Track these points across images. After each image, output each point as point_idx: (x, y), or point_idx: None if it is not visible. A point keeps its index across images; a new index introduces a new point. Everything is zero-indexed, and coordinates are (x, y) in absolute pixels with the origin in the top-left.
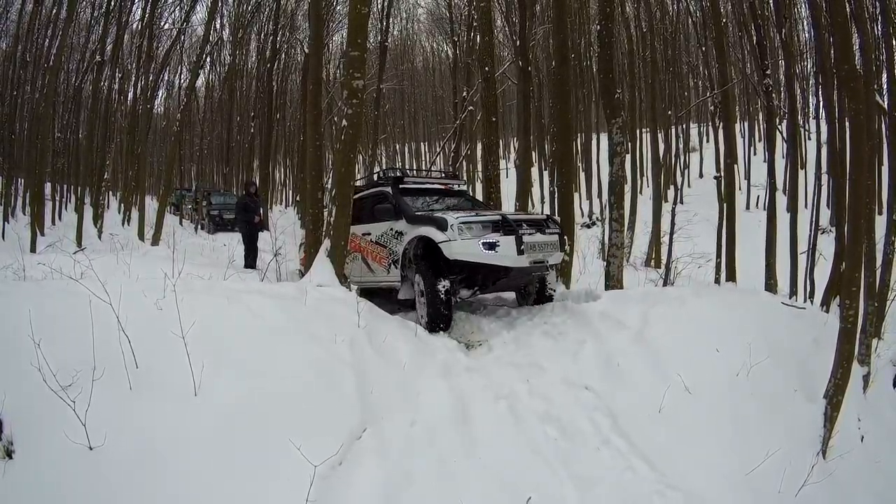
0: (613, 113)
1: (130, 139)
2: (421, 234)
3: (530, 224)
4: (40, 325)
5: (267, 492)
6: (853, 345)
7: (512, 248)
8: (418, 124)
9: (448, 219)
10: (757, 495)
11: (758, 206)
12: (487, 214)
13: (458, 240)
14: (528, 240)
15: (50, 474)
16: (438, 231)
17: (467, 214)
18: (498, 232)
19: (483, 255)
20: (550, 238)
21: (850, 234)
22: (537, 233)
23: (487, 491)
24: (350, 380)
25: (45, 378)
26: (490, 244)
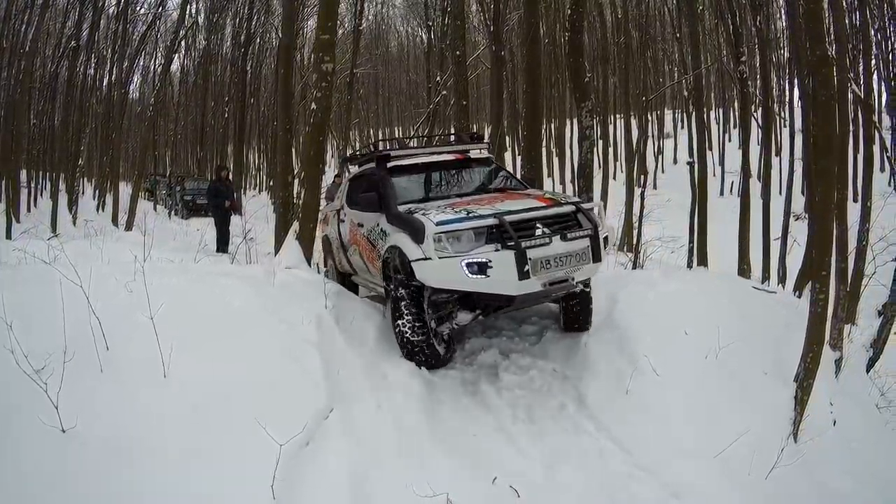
0: (583, 96)
1: (105, 125)
2: (394, 245)
3: (548, 222)
4: (13, 310)
5: (235, 471)
6: (823, 329)
7: (510, 269)
8: (392, 109)
9: (426, 222)
10: (727, 476)
11: (732, 193)
12: (483, 212)
13: (433, 259)
14: (539, 253)
15: (24, 457)
16: (412, 242)
17: (456, 213)
18: (493, 243)
19: (468, 280)
20: (577, 245)
21: (819, 220)
22: (556, 237)
23: (454, 471)
24: (316, 360)
25: (17, 361)
26: (478, 266)
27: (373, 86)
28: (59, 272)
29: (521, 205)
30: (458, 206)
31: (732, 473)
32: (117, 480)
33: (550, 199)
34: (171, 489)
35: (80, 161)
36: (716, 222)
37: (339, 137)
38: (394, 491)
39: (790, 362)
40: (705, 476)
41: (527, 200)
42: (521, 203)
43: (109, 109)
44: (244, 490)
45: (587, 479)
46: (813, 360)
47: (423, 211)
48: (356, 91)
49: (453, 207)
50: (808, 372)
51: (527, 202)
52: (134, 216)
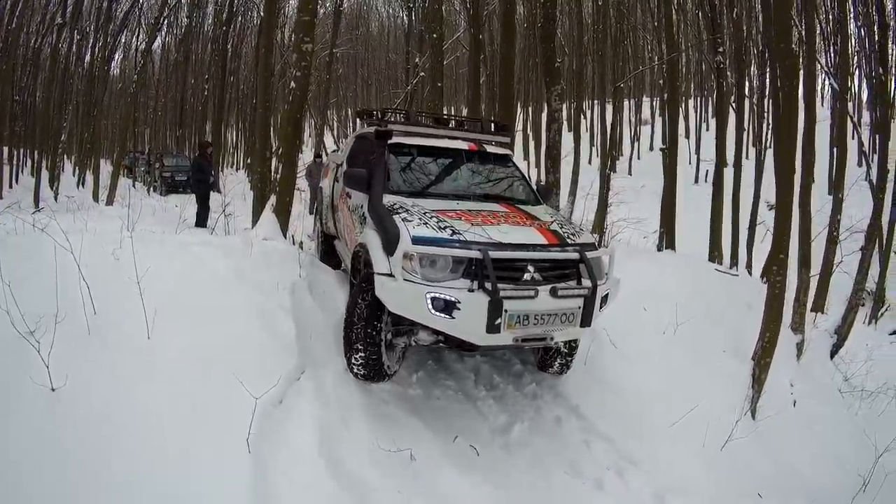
0: (553, 81)
1: (87, 102)
2: (364, 243)
3: (542, 266)
4: (7, 274)
5: (213, 426)
6: (780, 309)
7: (479, 317)
8: (371, 89)
9: (402, 232)
10: (683, 446)
11: (706, 181)
12: (470, 235)
13: (398, 279)
14: (518, 307)
15: (16, 415)
16: (381, 250)
17: (440, 227)
18: (468, 278)
19: (428, 316)
20: (566, 304)
21: (779, 208)
22: (545, 291)
23: (417, 431)
24: (290, 325)
25: (13, 321)
26: (444, 304)
27: (352, 65)
28: (53, 239)
29: (517, 235)
30: (446, 217)
31: (688, 443)
32: (102, 437)
33: (555, 236)
34: (152, 446)
35: (63, 137)
36: (690, 209)
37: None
38: (361, 446)
39: (749, 342)
40: (661, 445)
41: (527, 231)
42: (519, 233)
43: (92, 86)
44: (222, 443)
45: (544, 442)
46: (770, 339)
47: (407, 213)
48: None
49: (440, 217)
50: (766, 350)
51: (526, 233)
52: (115, 192)
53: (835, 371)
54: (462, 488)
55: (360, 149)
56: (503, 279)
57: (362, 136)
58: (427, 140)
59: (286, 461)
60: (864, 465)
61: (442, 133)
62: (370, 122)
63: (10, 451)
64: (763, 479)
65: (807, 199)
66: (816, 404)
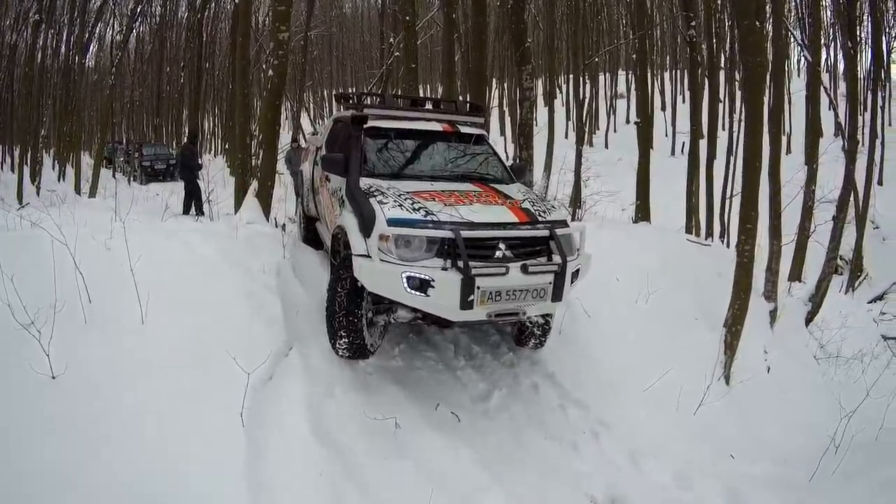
0: (524, 60)
1: (64, 95)
2: (342, 226)
3: (513, 244)
4: (7, 267)
5: (208, 403)
6: (749, 277)
7: (453, 294)
8: (346, 70)
9: (378, 214)
10: (655, 410)
11: (683, 153)
12: (443, 215)
13: (374, 260)
14: (490, 283)
15: (18, 403)
16: (358, 232)
17: (414, 209)
18: (442, 257)
19: (405, 294)
20: (537, 279)
21: (746, 178)
22: (515, 267)
23: (400, 400)
24: (276, 305)
25: (13, 313)
26: (419, 282)
27: (327, 47)
28: (46, 231)
29: (489, 214)
30: (421, 197)
31: (660, 407)
32: (102, 419)
33: (525, 214)
34: (150, 425)
35: (43, 132)
36: (667, 181)
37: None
38: (347, 417)
39: (721, 309)
40: (633, 409)
41: (499, 209)
42: (491, 212)
43: (69, 79)
44: (217, 419)
45: (522, 408)
46: (741, 306)
47: (382, 196)
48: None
49: (415, 199)
50: (737, 317)
51: (498, 211)
52: (97, 183)
53: (809, 338)
54: (445, 452)
55: (338, 132)
56: (475, 257)
57: (340, 119)
58: (402, 123)
59: (278, 433)
60: (836, 427)
61: (417, 115)
62: (347, 105)
63: (14, 437)
64: (735, 441)
65: (776, 170)
66: (791, 370)
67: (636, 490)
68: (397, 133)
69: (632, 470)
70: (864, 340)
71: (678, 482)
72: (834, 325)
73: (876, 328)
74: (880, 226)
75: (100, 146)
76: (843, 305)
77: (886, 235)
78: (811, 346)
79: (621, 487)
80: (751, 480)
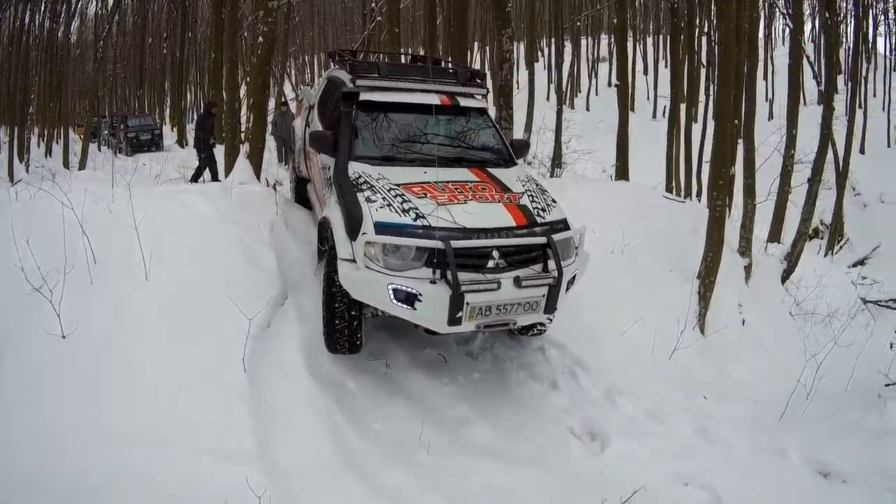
0: (504, 24)
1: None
2: (328, 217)
3: (509, 252)
4: (19, 232)
5: (212, 352)
6: (721, 232)
7: (441, 309)
8: (327, 36)
9: (366, 215)
10: (630, 354)
11: (664, 116)
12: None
13: (360, 266)
14: (480, 299)
15: (32, 362)
16: (344, 232)
17: (404, 209)
18: (431, 267)
19: (390, 305)
20: (530, 293)
21: (717, 137)
22: (508, 280)
23: (389, 344)
24: (271, 258)
25: (27, 276)
26: (406, 295)
27: (308, 13)
28: (55, 197)
29: (484, 217)
30: (412, 193)
31: (635, 351)
32: (113, 372)
33: (523, 214)
34: (158, 375)
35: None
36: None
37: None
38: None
39: (695, 263)
40: (610, 352)
41: (495, 209)
42: (486, 213)
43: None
44: (221, 366)
45: (504, 350)
46: (713, 259)
47: (371, 191)
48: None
49: (405, 195)
50: (709, 269)
51: (494, 212)
52: (86, 157)
53: (785, 295)
54: (432, 390)
55: (330, 92)
56: (466, 266)
57: (334, 78)
58: (397, 95)
59: (277, 376)
60: (810, 379)
61: (413, 87)
62: (342, 62)
63: (31, 394)
64: (708, 385)
65: (750, 131)
66: (765, 324)
67: (611, 423)
68: (391, 107)
69: (607, 405)
70: (842, 302)
71: (650, 417)
72: (811, 286)
73: (855, 291)
74: (861, 192)
75: (89, 119)
76: (823, 268)
77: (868, 202)
78: (787, 303)
79: (597, 421)
80: (721, 418)
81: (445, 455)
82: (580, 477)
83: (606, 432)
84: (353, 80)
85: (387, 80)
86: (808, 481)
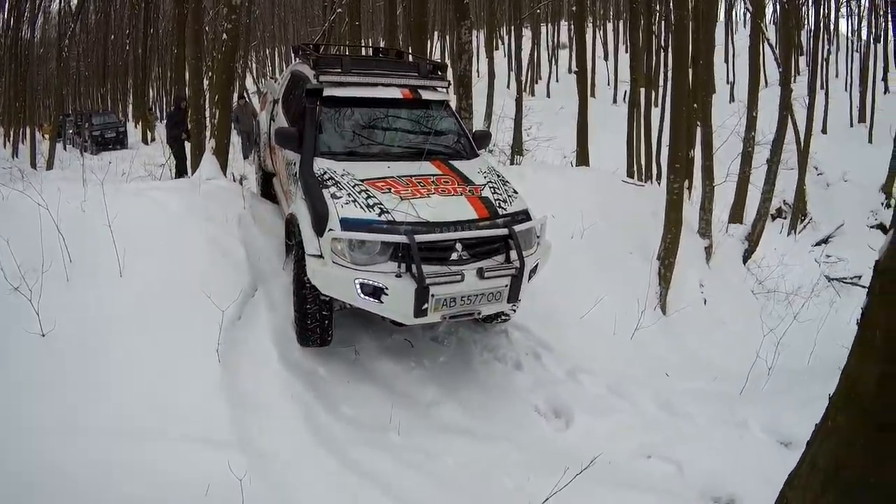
0: (462, 16)
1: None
2: (294, 214)
3: (472, 244)
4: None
5: (186, 344)
6: (679, 213)
7: (407, 302)
8: (288, 28)
9: (332, 212)
10: (592, 334)
11: (625, 101)
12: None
13: (327, 262)
14: (445, 291)
15: (13, 361)
16: (310, 229)
17: (368, 205)
18: (396, 261)
19: (357, 300)
20: (493, 283)
21: (673, 121)
22: (471, 272)
23: (357, 331)
24: (241, 251)
25: (6, 276)
26: (372, 289)
27: (269, 5)
28: (30, 197)
29: (447, 210)
30: (376, 188)
31: (597, 332)
32: (91, 369)
33: (485, 207)
34: (135, 368)
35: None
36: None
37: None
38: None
39: (655, 245)
40: (573, 333)
41: (458, 202)
42: (450, 207)
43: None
44: (195, 357)
45: (468, 333)
46: (672, 240)
47: (336, 187)
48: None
49: (370, 191)
50: (669, 250)
51: (457, 205)
52: (54, 157)
53: (747, 274)
54: (398, 373)
55: (293, 86)
56: (430, 259)
57: (297, 73)
58: (360, 90)
59: (251, 364)
60: (770, 355)
61: (376, 81)
62: (305, 56)
63: (13, 392)
64: (670, 363)
65: (707, 114)
66: (727, 303)
67: (574, 399)
68: (354, 102)
69: (571, 384)
70: (806, 280)
71: (614, 393)
72: (773, 265)
73: (819, 269)
74: (824, 172)
75: (55, 119)
76: (786, 247)
77: (831, 181)
78: (749, 282)
79: (561, 398)
80: (683, 393)
81: (415, 434)
82: (546, 451)
83: (570, 409)
84: (317, 77)
85: (350, 74)
86: (769, 450)
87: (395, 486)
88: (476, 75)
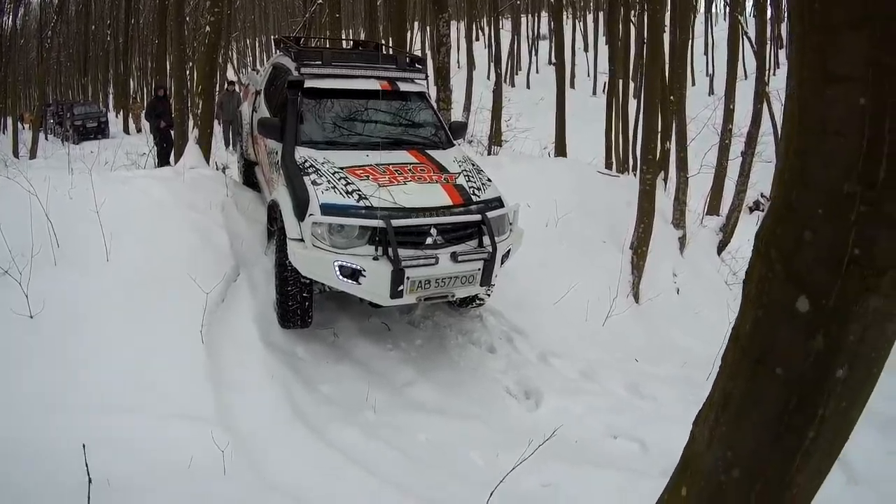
0: (441, 9)
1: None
2: (276, 201)
3: (446, 230)
4: None
5: (170, 326)
6: (651, 204)
7: (384, 284)
8: (269, 19)
9: (312, 198)
10: (565, 320)
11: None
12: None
13: (308, 245)
14: (420, 273)
15: (1, 341)
16: (293, 214)
17: (347, 192)
18: (373, 244)
19: (336, 281)
20: (467, 266)
21: (646, 112)
22: (445, 256)
23: (336, 313)
24: (224, 237)
25: None
26: (351, 271)
27: None
28: (19, 185)
29: (423, 197)
30: (355, 175)
31: (570, 318)
32: (78, 349)
33: (459, 194)
34: (121, 348)
35: None
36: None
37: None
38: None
39: (628, 235)
40: (546, 319)
41: (433, 189)
42: (425, 194)
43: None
44: (179, 338)
45: (444, 317)
46: (645, 230)
47: (317, 174)
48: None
49: (349, 178)
50: (641, 240)
51: (432, 192)
52: (37, 146)
53: (721, 265)
54: (376, 354)
55: (275, 78)
56: (406, 244)
57: (279, 65)
58: (340, 82)
59: (232, 346)
60: None
61: (355, 73)
62: (287, 50)
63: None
64: (641, 349)
65: (681, 106)
66: (699, 292)
67: (545, 382)
68: (335, 93)
69: (542, 367)
70: None
71: (584, 376)
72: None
73: None
74: None
75: (38, 109)
76: None
77: None
78: (723, 273)
79: (533, 380)
80: (652, 378)
81: (391, 413)
82: (515, 430)
83: (541, 390)
84: (298, 69)
85: (330, 67)
86: None
87: (370, 460)
88: (456, 66)
